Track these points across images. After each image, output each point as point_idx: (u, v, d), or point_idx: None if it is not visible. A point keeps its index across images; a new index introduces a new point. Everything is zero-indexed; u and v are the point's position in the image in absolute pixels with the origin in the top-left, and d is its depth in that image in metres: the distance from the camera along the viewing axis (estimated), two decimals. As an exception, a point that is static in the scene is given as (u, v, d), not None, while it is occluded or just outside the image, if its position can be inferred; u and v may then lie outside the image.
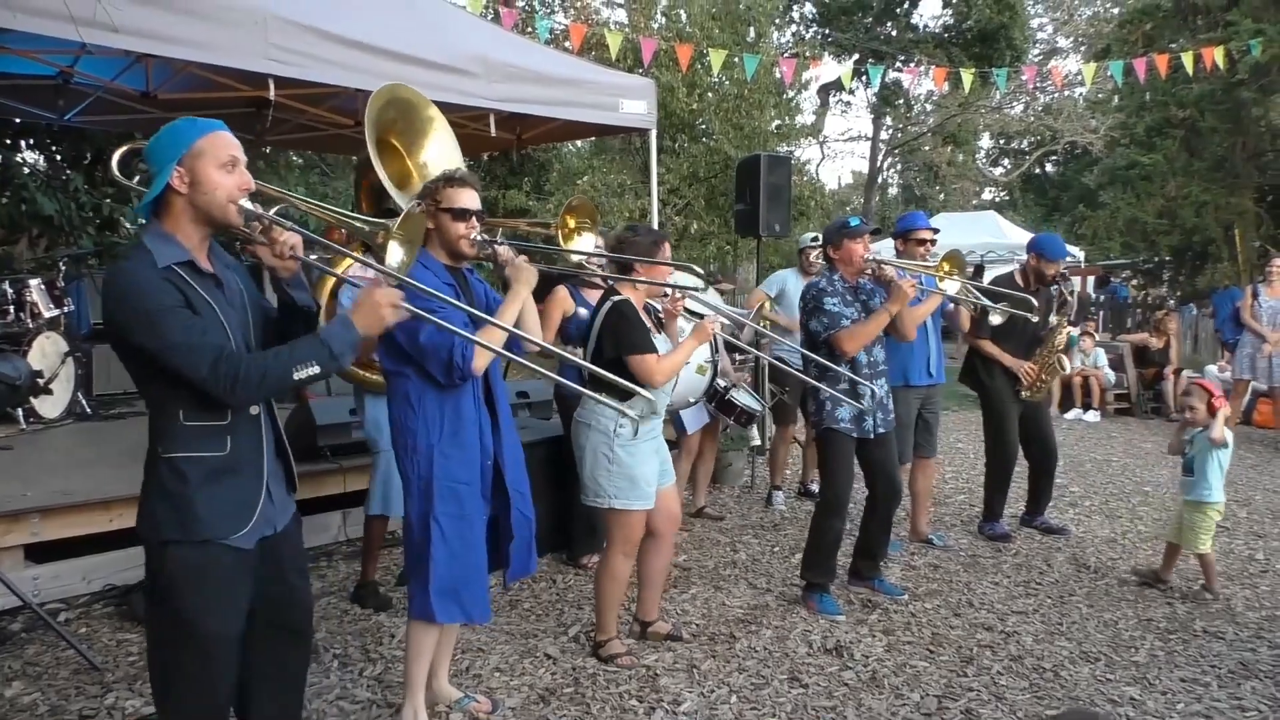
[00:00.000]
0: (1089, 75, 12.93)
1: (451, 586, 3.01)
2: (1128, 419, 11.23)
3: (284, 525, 2.44)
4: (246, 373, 2.14)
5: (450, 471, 3.00)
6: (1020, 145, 33.23)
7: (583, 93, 6.36)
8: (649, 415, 3.72)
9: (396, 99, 3.68)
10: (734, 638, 4.18)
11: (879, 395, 4.52)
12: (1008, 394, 5.67)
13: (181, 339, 2.11)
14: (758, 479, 7.21)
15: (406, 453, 3.02)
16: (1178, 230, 18.60)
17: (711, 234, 13.26)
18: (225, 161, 2.23)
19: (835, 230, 4.58)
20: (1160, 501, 6.86)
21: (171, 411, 2.21)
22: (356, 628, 4.20)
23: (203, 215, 2.23)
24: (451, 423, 3.00)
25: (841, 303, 4.44)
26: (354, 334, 2.27)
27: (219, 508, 2.23)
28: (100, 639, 4.01)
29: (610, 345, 3.67)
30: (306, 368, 2.21)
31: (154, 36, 4.26)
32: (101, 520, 4.43)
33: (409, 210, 2.42)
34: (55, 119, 7.22)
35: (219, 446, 2.24)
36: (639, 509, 3.73)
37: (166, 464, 2.22)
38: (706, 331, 3.75)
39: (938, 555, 5.44)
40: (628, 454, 3.68)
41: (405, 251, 2.43)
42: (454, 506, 3.01)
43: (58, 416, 6.55)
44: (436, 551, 2.98)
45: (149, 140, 2.26)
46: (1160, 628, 4.38)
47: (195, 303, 2.17)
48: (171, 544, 2.21)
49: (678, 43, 10.86)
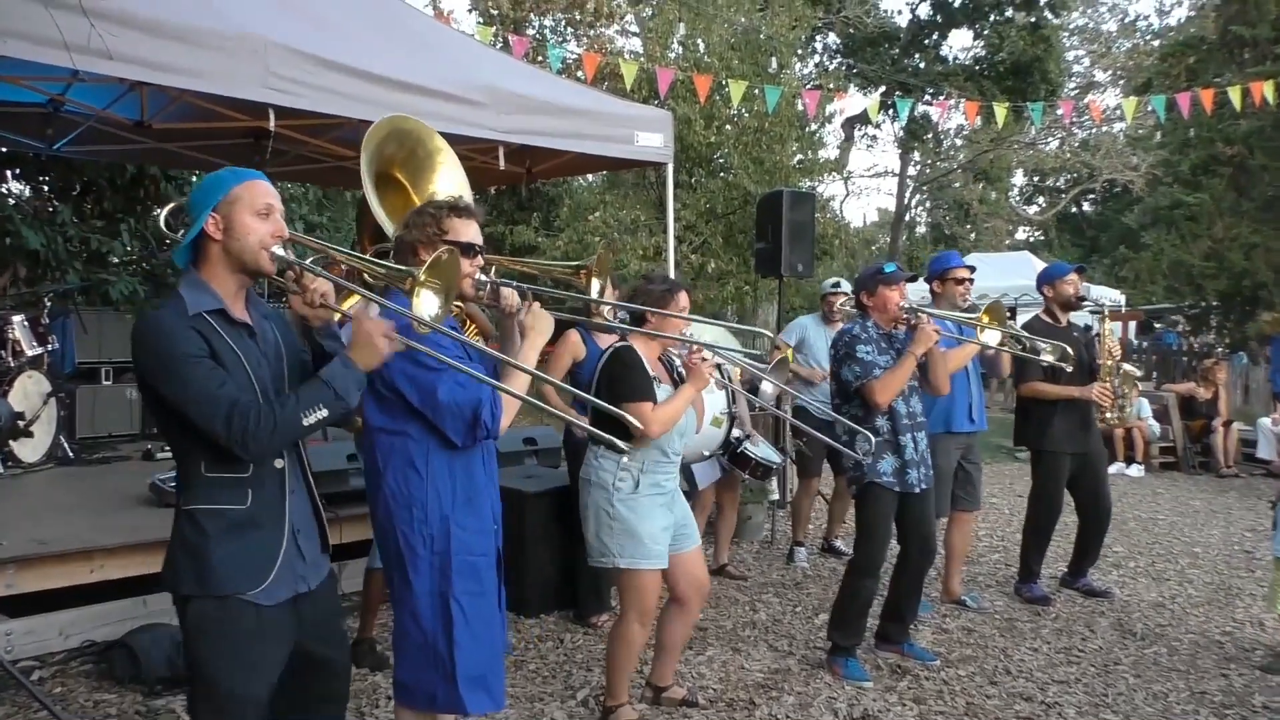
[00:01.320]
0: (1129, 110, 12.99)
1: (480, 673, 2.83)
2: (1174, 474, 11.14)
3: (316, 584, 2.48)
4: (256, 425, 2.20)
5: (468, 544, 2.83)
6: (1056, 183, 33.36)
7: (596, 124, 6.40)
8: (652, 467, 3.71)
9: (398, 130, 3.70)
10: (753, 704, 4.13)
11: (920, 449, 4.51)
12: (1063, 442, 5.59)
13: (199, 390, 2.19)
14: (778, 534, 7.17)
15: (413, 525, 2.80)
16: (1225, 274, 18.57)
17: (729, 273, 13.30)
18: (260, 209, 2.33)
19: (870, 276, 4.60)
20: (1212, 564, 6.78)
21: (194, 462, 2.30)
22: (351, 688, 4.15)
23: (236, 262, 2.32)
24: (465, 489, 2.85)
25: (875, 351, 4.44)
26: (356, 372, 2.32)
27: (237, 562, 2.28)
28: (76, 699, 3.99)
29: (605, 393, 3.63)
30: (315, 412, 2.26)
31: (149, 64, 4.28)
32: (82, 571, 4.41)
33: (438, 255, 2.36)
34: (44, 148, 7.29)
35: (239, 499, 2.30)
36: (647, 568, 3.67)
37: (187, 516, 2.29)
38: (703, 376, 3.72)
39: (972, 618, 5.38)
40: (628, 509, 3.64)
41: (440, 301, 2.37)
42: (473, 584, 2.83)
43: (38, 460, 6.56)
44: (460, 635, 2.78)
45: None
46: (1215, 702, 4.31)
47: (221, 352, 2.26)
48: (195, 599, 2.28)
49: (695, 73, 10.98)
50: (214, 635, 2.28)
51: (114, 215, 9.38)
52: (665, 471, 3.78)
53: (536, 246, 14.39)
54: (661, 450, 3.73)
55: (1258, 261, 17.59)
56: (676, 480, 3.92)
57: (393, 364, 2.71)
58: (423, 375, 2.73)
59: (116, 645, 4.22)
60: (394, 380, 2.76)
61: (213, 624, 2.27)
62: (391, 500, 2.84)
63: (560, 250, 13.61)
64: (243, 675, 2.30)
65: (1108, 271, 27.37)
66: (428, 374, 2.73)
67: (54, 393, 6.74)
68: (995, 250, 27.75)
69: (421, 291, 2.33)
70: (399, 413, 2.81)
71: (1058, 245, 32.84)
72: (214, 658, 2.28)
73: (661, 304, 3.78)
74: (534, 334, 2.95)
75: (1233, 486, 10.38)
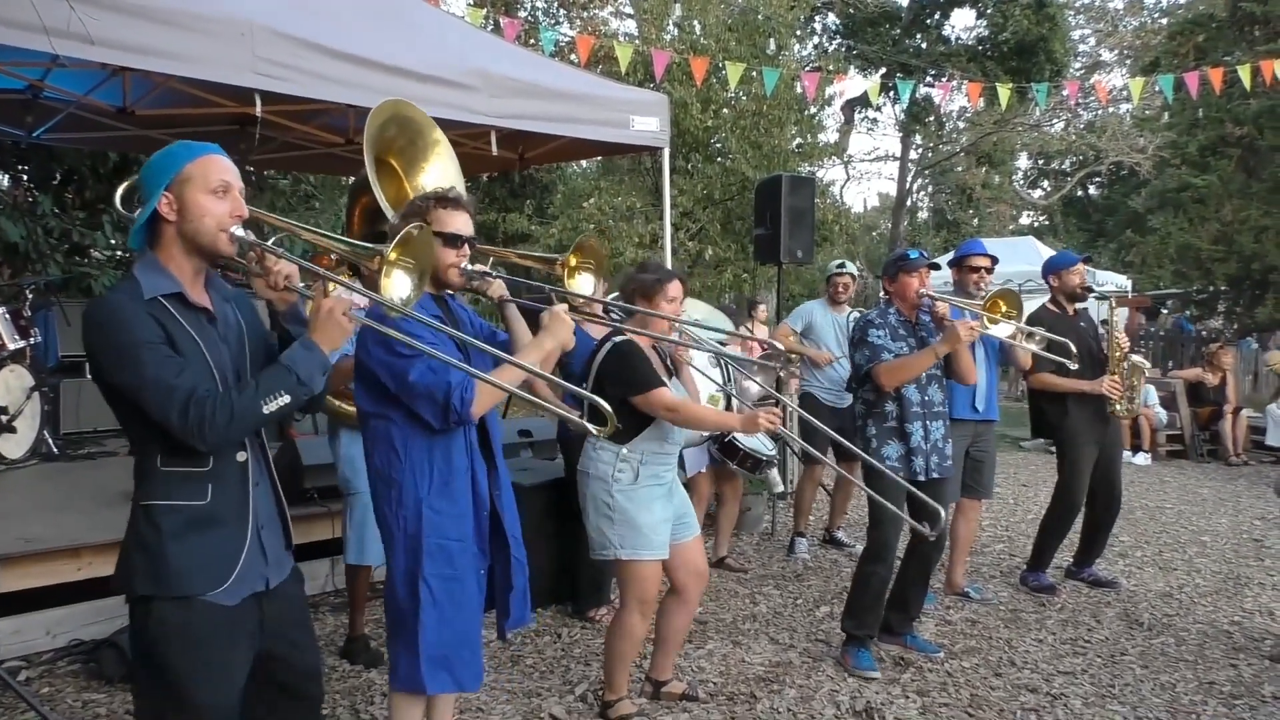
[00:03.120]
0: (1136, 91, 12.96)
1: (442, 654, 2.94)
2: (1181, 462, 11.18)
3: (278, 581, 2.41)
4: (213, 414, 2.12)
5: (440, 528, 2.93)
6: (1061, 166, 33.33)
7: (591, 109, 6.40)
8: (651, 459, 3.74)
9: (399, 116, 3.70)
10: (754, 698, 4.15)
11: (933, 438, 4.52)
12: (1085, 433, 5.60)
13: (153, 376, 2.11)
14: (779, 525, 7.19)
15: (390, 505, 2.96)
16: (1235, 257, 18.60)
17: (727, 260, 13.29)
18: (215, 187, 2.23)
19: (892, 263, 4.67)
20: (1220, 553, 6.81)
21: (150, 454, 2.22)
22: (345, 685, 4.19)
23: (192, 244, 2.24)
24: (442, 473, 2.95)
25: (889, 336, 4.47)
26: (318, 354, 2.25)
27: (196, 561, 2.20)
28: (64, 700, 3.99)
29: (612, 388, 3.65)
30: (275, 399, 2.19)
31: (132, 49, 4.27)
32: (69, 570, 4.42)
33: (407, 232, 2.34)
34: (23, 136, 7.28)
35: (198, 495, 2.23)
36: (648, 559, 3.71)
37: (143, 511, 2.21)
38: (755, 422, 3.75)
39: (975, 609, 5.40)
40: (627, 500, 3.68)
41: (412, 281, 2.35)
42: (444, 566, 2.94)
43: (21, 457, 6.56)
44: (426, 615, 2.91)
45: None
46: (1224, 692, 4.34)
47: (178, 338, 2.18)
48: (153, 600, 2.19)
49: (692, 55, 10.96)
50: (180, 641, 2.19)
51: (96, 205, 9.36)
52: (664, 463, 3.82)
53: (530, 234, 14.38)
54: (661, 441, 3.76)
55: (1267, 244, 17.64)
56: (675, 471, 3.96)
57: (371, 353, 2.84)
58: (396, 362, 2.81)
59: (105, 644, 4.21)
60: (373, 369, 2.86)
61: (176, 629, 2.18)
62: (377, 479, 2.99)
63: (554, 238, 13.60)
64: (213, 684, 2.22)
65: (1114, 256, 27.41)
66: (400, 360, 2.80)
67: (37, 387, 6.74)
68: (999, 235, 27.72)
69: (393, 271, 2.32)
70: (382, 398, 2.92)
71: (1063, 230, 32.87)
72: (182, 665, 2.19)
73: (652, 293, 3.80)
74: (546, 336, 3.02)
75: (1241, 474, 10.43)
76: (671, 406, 3.66)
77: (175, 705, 2.21)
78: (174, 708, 2.22)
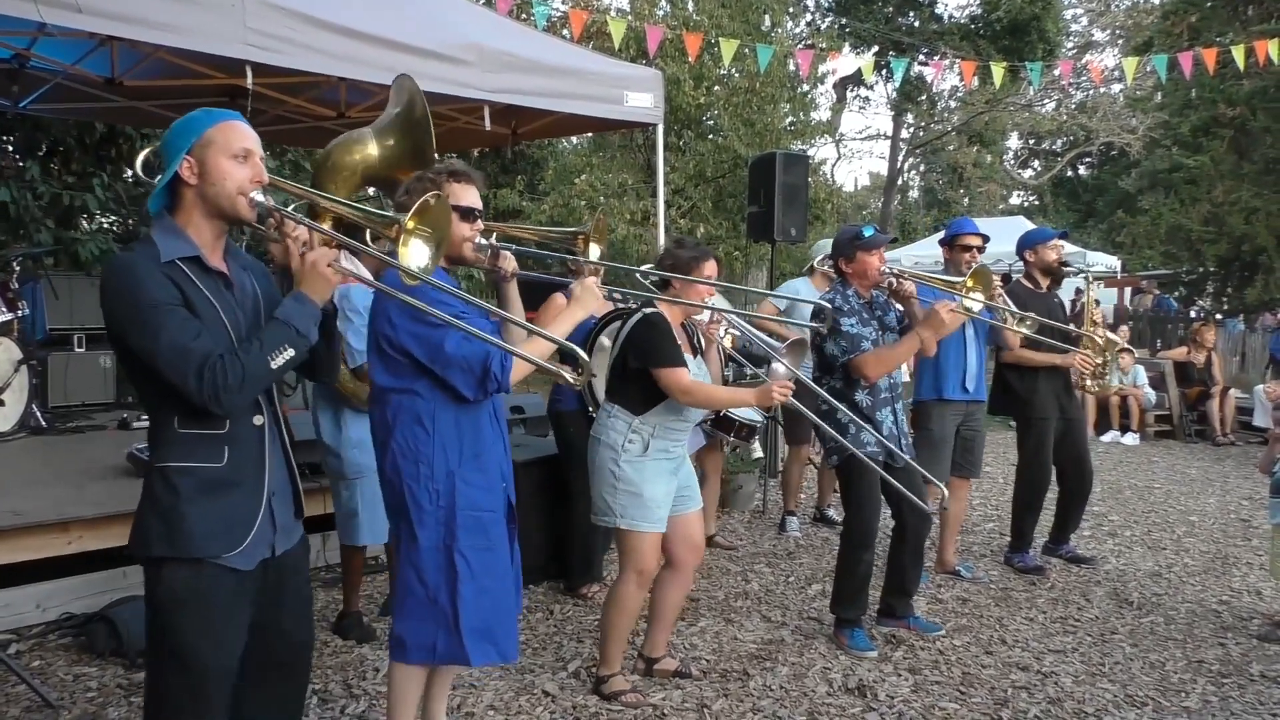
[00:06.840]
0: (1129, 70, 12.92)
1: (484, 625, 2.92)
2: (1169, 442, 11.24)
3: (286, 549, 2.43)
4: (225, 377, 2.13)
5: (474, 499, 2.93)
6: (1052, 146, 33.37)
7: (585, 84, 6.35)
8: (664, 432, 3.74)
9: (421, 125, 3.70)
10: (747, 675, 4.16)
11: (900, 423, 4.53)
12: (1049, 407, 5.63)
13: (170, 341, 2.12)
14: (770, 503, 7.20)
15: (419, 480, 2.91)
16: (1225, 239, 18.65)
17: (719, 238, 13.29)
18: (237, 152, 2.25)
19: (847, 241, 4.46)
20: (1208, 533, 6.85)
21: (166, 417, 2.23)
22: (337, 661, 4.18)
23: (212, 207, 2.26)
24: (472, 444, 2.95)
25: (859, 322, 4.37)
26: (310, 306, 2.27)
27: (212, 524, 2.22)
28: (55, 673, 3.98)
29: (635, 357, 3.70)
30: (281, 353, 2.21)
31: (120, 17, 4.22)
32: (59, 543, 4.40)
33: (425, 200, 2.31)
34: (9, 106, 7.19)
35: (215, 457, 2.24)
36: (647, 531, 3.72)
37: (159, 474, 2.23)
38: (770, 395, 3.72)
39: (966, 588, 5.42)
40: (634, 470, 3.69)
41: (429, 251, 2.34)
42: (480, 538, 2.93)
43: (10, 430, 6.52)
44: (464, 588, 2.89)
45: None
46: (1213, 670, 4.36)
47: (196, 302, 2.20)
48: (164, 561, 2.21)
49: (685, 31, 10.90)
50: (191, 604, 2.21)
51: (85, 174, 9.26)
52: (675, 438, 3.84)
53: (521, 210, 14.33)
54: (676, 416, 3.78)
55: (1258, 226, 17.68)
56: (684, 447, 3.97)
57: (399, 325, 2.82)
58: (429, 332, 2.78)
59: (96, 618, 4.21)
60: (401, 341, 2.84)
61: (189, 591, 2.20)
62: (399, 456, 2.93)
63: (545, 214, 13.56)
64: (220, 647, 2.25)
65: (1104, 236, 27.45)
66: (434, 330, 2.77)
67: (25, 360, 6.69)
68: (989, 215, 27.72)
69: (410, 240, 2.31)
70: (407, 372, 2.89)
71: (1053, 210, 32.89)
72: (190, 629, 2.21)
73: (688, 270, 3.80)
74: (576, 305, 3.05)
75: (1229, 454, 10.48)
76: (686, 389, 3.67)
77: (178, 667, 2.24)
78: (176, 669, 2.24)
